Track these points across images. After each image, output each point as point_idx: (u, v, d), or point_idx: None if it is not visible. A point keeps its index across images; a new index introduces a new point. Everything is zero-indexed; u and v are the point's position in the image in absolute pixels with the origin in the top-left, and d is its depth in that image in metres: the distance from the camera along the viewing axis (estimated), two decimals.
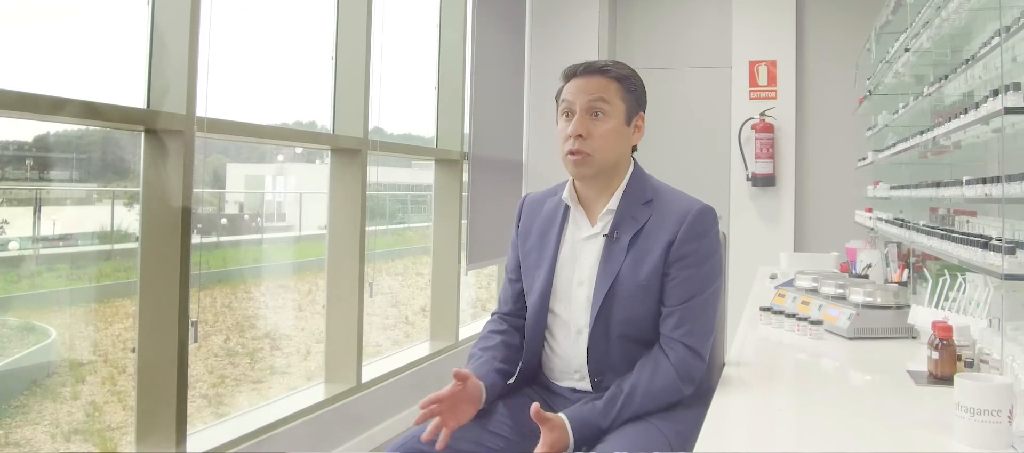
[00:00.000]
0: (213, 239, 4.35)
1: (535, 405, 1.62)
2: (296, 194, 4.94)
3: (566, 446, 1.64)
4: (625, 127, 1.81)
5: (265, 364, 4.27)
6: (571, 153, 1.77)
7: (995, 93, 1.85)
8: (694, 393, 1.73)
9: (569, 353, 1.81)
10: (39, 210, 3.08)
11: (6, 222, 2.97)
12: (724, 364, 1.93)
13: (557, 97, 1.84)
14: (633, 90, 1.83)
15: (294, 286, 4.90)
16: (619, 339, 1.75)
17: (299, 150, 4.17)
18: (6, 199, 3.01)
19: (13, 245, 3.04)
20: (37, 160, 3.03)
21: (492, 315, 1.97)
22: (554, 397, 1.83)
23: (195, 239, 4.13)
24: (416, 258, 5.70)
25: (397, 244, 5.65)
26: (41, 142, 3.01)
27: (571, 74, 1.82)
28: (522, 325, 1.90)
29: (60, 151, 3.10)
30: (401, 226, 5.57)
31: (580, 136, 1.76)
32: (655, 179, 1.88)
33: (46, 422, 2.99)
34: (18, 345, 3.09)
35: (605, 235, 1.79)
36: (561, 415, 1.66)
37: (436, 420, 1.67)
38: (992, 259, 1.74)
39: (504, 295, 1.96)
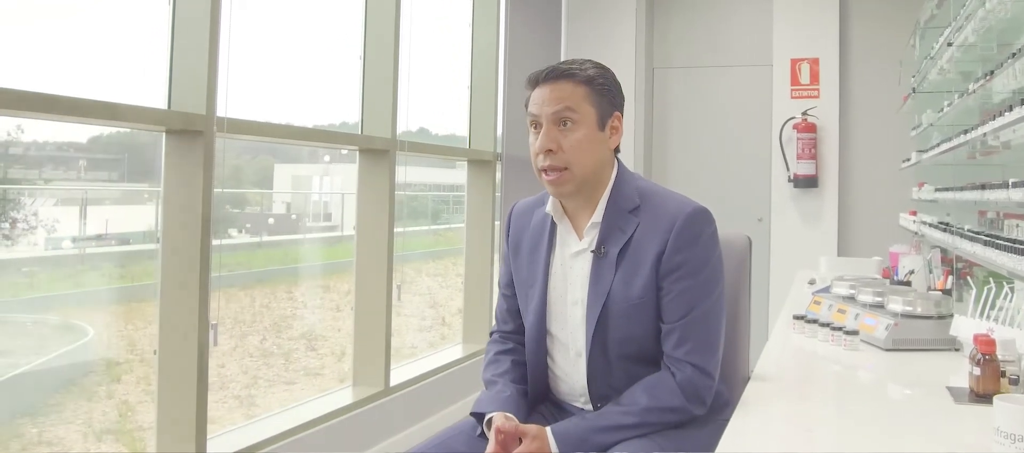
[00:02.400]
0: (256, 239, 4.38)
1: (501, 423, 1.55)
2: (339, 194, 4.94)
3: None
4: (599, 133, 1.67)
5: (299, 365, 4.26)
6: (543, 171, 1.65)
7: None
8: (710, 411, 1.63)
9: (570, 375, 1.72)
10: (86, 210, 3.11)
11: (57, 222, 3.00)
12: (749, 377, 1.83)
13: (525, 105, 1.71)
14: (604, 91, 1.68)
15: (333, 286, 4.90)
16: (619, 360, 1.65)
17: (345, 151, 4.16)
18: (60, 200, 3.04)
19: (66, 244, 3.07)
20: (91, 161, 3.08)
21: (492, 334, 1.87)
22: (566, 416, 1.73)
23: (241, 239, 4.17)
24: (456, 258, 5.67)
25: (438, 244, 5.62)
26: (95, 143, 3.06)
27: (535, 81, 1.68)
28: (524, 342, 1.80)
29: (114, 152, 3.14)
30: (444, 226, 5.55)
31: (550, 151, 1.64)
32: (643, 181, 1.74)
33: (79, 421, 3.01)
34: (57, 344, 3.12)
35: (592, 251, 1.68)
36: (546, 428, 1.58)
37: None
38: None
39: (500, 312, 1.85)
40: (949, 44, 2.58)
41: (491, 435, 1.60)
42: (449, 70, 4.87)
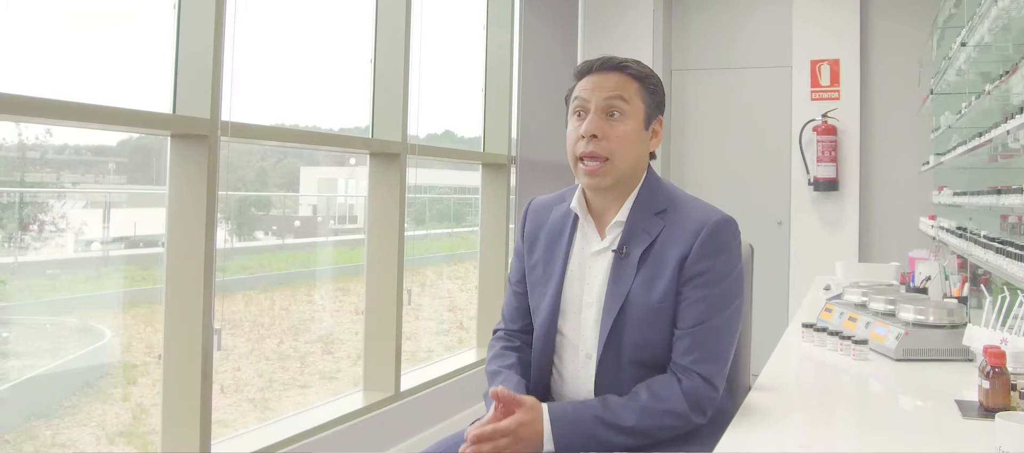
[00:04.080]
0: (278, 241, 4.40)
1: (499, 388, 1.52)
2: (364, 197, 4.96)
3: (538, 432, 1.52)
4: (643, 131, 1.65)
5: (315, 369, 4.25)
6: (585, 158, 1.62)
7: None
8: (708, 423, 1.58)
9: (577, 379, 1.67)
10: (109, 212, 3.12)
11: (85, 224, 3.02)
12: (749, 388, 1.77)
13: (567, 98, 1.69)
14: (653, 91, 1.67)
15: (353, 289, 4.90)
16: (631, 365, 1.60)
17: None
18: (90, 203, 3.07)
19: (95, 246, 3.09)
20: (119, 164, 3.12)
21: (496, 332, 1.82)
22: None
23: (266, 241, 4.17)
24: (476, 261, 5.65)
25: (459, 247, 5.60)
26: (125, 146, 3.10)
27: (586, 70, 1.67)
28: (532, 343, 1.76)
29: (143, 155, 3.17)
30: (466, 229, 5.54)
31: (594, 137, 1.60)
32: (671, 186, 1.71)
33: (94, 423, 3.01)
34: (73, 346, 3.13)
35: (614, 251, 1.64)
36: (542, 404, 1.54)
37: None
38: None
39: (508, 309, 1.81)
40: (962, 44, 2.51)
41: (491, 406, 1.57)
42: (465, 72, 4.85)
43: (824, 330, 2.21)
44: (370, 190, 3.77)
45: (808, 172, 5.46)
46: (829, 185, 5.38)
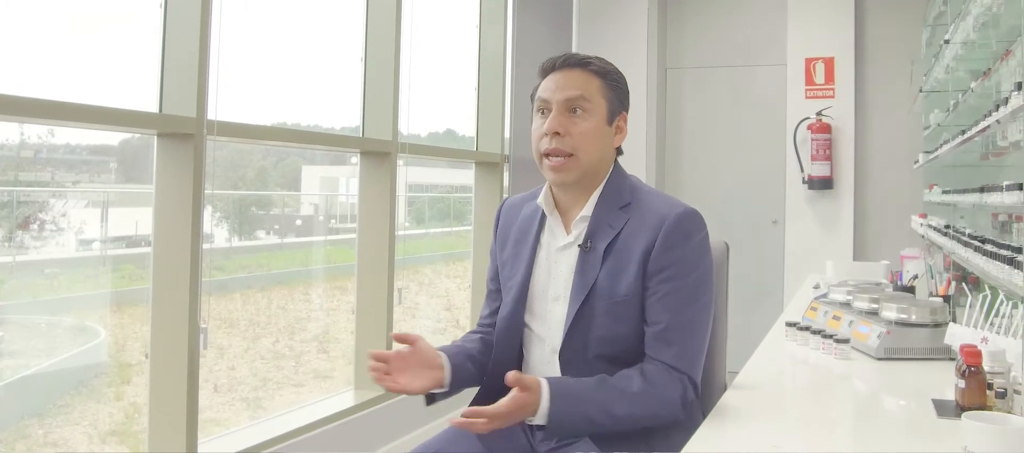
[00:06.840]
0: (278, 240, 4.40)
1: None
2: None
3: (534, 411, 1.47)
4: (606, 127, 1.65)
5: (309, 367, 4.25)
6: (548, 155, 1.63)
7: None
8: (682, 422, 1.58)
9: (543, 372, 1.65)
10: (107, 212, 3.13)
11: (85, 223, 3.02)
12: (725, 386, 1.77)
13: (532, 96, 1.70)
14: (616, 88, 1.67)
15: (351, 287, 4.91)
16: (597, 360, 1.60)
17: None
18: (91, 202, 3.08)
19: (96, 246, 3.10)
20: (123, 163, 3.15)
21: None
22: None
23: (269, 240, 4.17)
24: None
25: (458, 246, 5.60)
26: (128, 145, 3.12)
27: (549, 68, 1.67)
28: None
29: (144, 155, 3.17)
30: (467, 228, 5.55)
31: (557, 134, 1.61)
32: (636, 181, 1.71)
33: (86, 422, 3.01)
34: (68, 345, 3.13)
35: (579, 244, 1.64)
36: (540, 380, 1.50)
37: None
38: (1017, 278, 1.54)
39: (484, 308, 1.83)
40: (946, 41, 2.50)
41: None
42: (459, 71, 4.85)
43: (807, 329, 2.21)
44: (361, 189, 3.76)
45: (802, 170, 5.45)
46: (823, 183, 5.37)
